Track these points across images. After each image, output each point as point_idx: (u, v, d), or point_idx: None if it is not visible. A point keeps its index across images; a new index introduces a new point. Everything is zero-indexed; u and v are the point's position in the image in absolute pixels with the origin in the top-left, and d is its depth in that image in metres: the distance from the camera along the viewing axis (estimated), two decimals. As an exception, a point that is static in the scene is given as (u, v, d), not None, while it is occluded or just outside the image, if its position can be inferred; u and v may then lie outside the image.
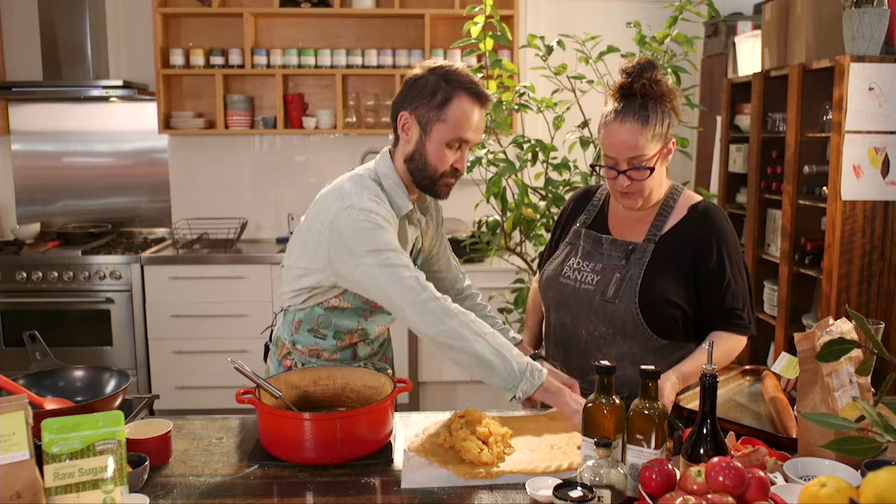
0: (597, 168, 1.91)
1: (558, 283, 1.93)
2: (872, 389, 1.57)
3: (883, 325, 1.77)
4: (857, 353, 1.49)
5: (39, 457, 1.28)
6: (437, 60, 1.81)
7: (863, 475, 1.32)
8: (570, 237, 1.99)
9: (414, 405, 4.17)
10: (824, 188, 3.02)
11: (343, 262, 1.70)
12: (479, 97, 1.76)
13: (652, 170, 1.75)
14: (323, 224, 1.73)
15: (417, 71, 1.79)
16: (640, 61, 1.77)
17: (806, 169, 3.19)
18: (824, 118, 3.12)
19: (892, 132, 2.91)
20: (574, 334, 1.90)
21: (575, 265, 1.92)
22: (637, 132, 1.72)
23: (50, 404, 1.63)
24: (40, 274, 3.94)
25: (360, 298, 1.83)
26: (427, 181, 1.80)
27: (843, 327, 1.54)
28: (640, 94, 1.74)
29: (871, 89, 2.88)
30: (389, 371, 2.06)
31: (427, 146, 1.76)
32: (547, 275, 1.98)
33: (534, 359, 1.75)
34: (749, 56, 3.80)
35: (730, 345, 1.82)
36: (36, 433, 1.28)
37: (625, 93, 1.76)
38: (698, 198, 1.90)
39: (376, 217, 1.70)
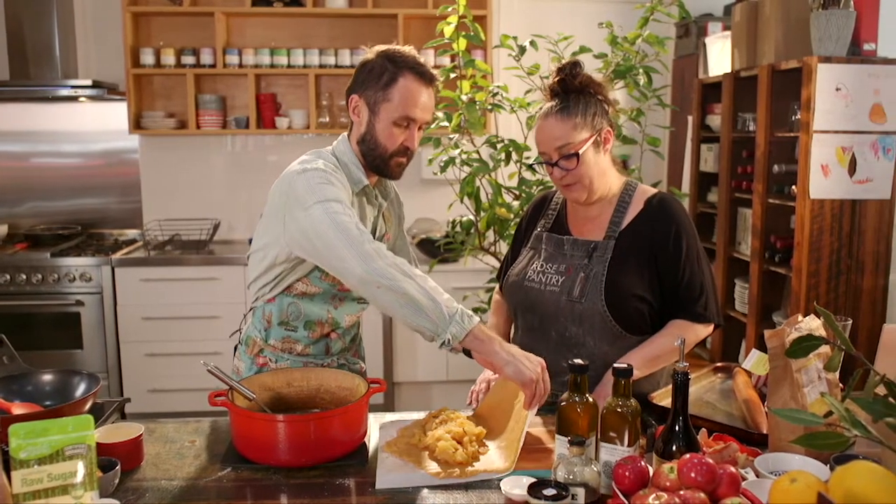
0: (534, 166, 1.98)
1: (523, 287, 1.94)
2: (840, 385, 1.59)
3: (850, 322, 1.80)
4: (825, 349, 1.51)
5: (7, 463, 1.26)
6: (388, 45, 1.86)
7: (832, 469, 1.34)
8: (531, 242, 2.02)
9: (389, 406, 4.16)
10: (793, 187, 3.06)
11: (294, 219, 1.71)
12: (423, 76, 1.81)
13: (577, 156, 1.80)
14: (282, 192, 1.77)
15: (368, 55, 1.85)
16: (562, 64, 1.86)
17: (775, 168, 3.23)
18: (793, 118, 3.16)
19: (858, 132, 2.97)
20: (543, 336, 1.91)
21: (538, 268, 1.93)
22: (557, 123, 1.82)
23: (18, 409, 1.60)
24: (8, 277, 3.87)
25: (326, 280, 1.83)
26: (378, 161, 1.84)
27: (812, 324, 1.56)
28: (561, 90, 1.84)
29: (838, 90, 2.93)
30: (362, 365, 2.06)
31: (376, 126, 1.82)
32: (511, 280, 1.99)
33: None
34: (719, 57, 3.85)
35: (686, 334, 1.80)
36: (3, 438, 1.26)
37: (552, 94, 1.87)
38: (653, 191, 1.94)
39: (329, 176, 1.74)
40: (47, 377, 1.76)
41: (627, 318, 1.83)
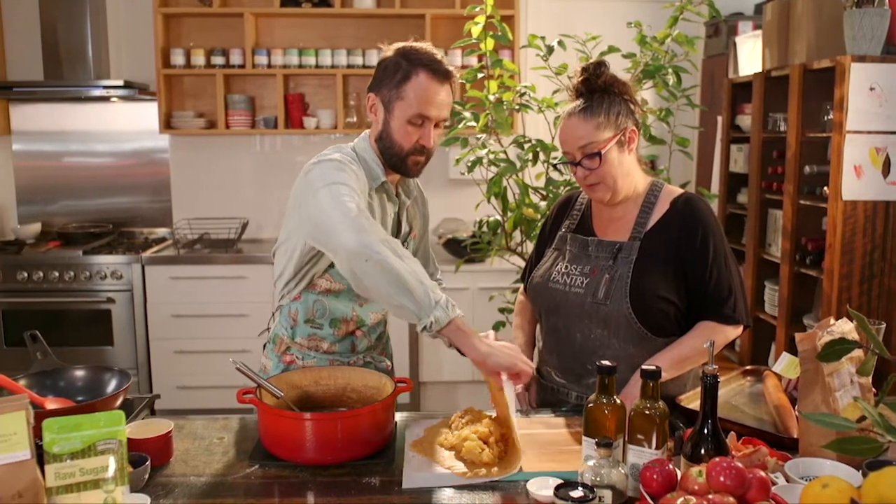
0: (558, 166, 1.96)
1: (547, 289, 1.93)
2: (873, 390, 1.57)
3: (884, 325, 1.77)
4: (858, 353, 1.48)
5: (41, 457, 1.28)
6: (406, 42, 1.84)
7: (864, 475, 1.32)
8: (556, 243, 2.00)
9: (415, 405, 4.17)
10: (825, 188, 3.02)
11: (306, 204, 1.72)
12: (437, 73, 1.78)
13: (600, 155, 1.79)
14: (301, 185, 1.78)
15: (386, 53, 1.83)
16: (586, 64, 1.85)
17: (807, 169, 3.19)
18: (825, 118, 3.12)
19: (892, 132, 2.91)
20: (568, 338, 1.90)
21: (563, 269, 1.92)
22: (581, 123, 1.81)
23: (51, 404, 1.63)
24: (41, 274, 3.94)
25: None
26: (395, 159, 1.83)
27: (845, 327, 1.54)
28: (585, 90, 1.83)
29: (871, 89, 2.88)
30: (388, 363, 2.07)
31: (391, 124, 1.81)
32: (535, 282, 1.98)
33: None
34: (750, 56, 3.81)
35: (714, 336, 1.79)
36: (37, 433, 1.28)
37: (576, 94, 1.86)
38: (679, 191, 1.91)
39: (342, 165, 1.74)
40: (79, 373, 1.79)
41: (653, 320, 1.82)
